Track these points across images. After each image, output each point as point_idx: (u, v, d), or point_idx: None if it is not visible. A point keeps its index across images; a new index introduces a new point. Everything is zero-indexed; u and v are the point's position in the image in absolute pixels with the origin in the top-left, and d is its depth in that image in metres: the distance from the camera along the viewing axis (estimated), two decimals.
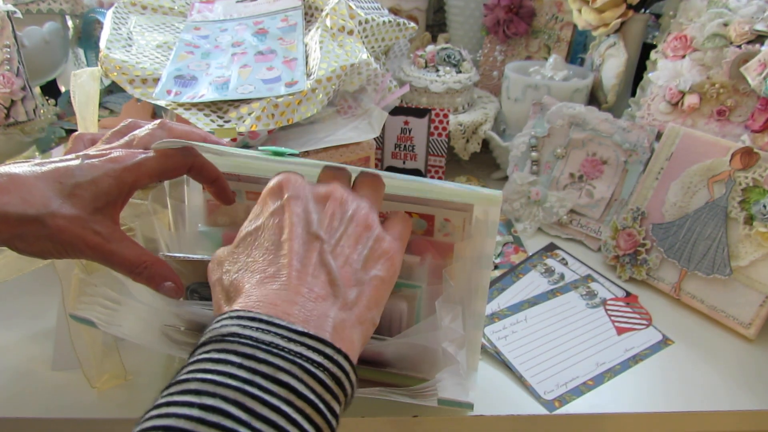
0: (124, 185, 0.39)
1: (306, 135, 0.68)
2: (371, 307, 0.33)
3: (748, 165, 0.61)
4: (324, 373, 0.27)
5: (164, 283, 0.40)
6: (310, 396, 0.26)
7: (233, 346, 0.27)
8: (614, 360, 0.56)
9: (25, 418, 0.48)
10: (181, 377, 0.26)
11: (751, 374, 0.55)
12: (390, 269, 0.35)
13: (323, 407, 0.27)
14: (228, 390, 0.25)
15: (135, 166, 0.39)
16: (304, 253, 0.32)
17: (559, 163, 0.77)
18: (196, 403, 0.24)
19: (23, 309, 0.60)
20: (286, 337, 0.28)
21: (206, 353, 0.27)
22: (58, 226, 0.36)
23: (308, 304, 0.30)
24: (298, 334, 0.28)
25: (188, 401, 0.25)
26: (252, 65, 0.69)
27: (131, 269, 0.39)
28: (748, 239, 0.60)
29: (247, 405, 0.24)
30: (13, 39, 0.73)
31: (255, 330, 0.28)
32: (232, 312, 0.29)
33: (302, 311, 0.30)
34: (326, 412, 0.27)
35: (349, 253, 0.34)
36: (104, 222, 0.38)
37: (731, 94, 0.69)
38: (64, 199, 0.37)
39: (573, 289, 0.65)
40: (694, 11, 0.74)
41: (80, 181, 0.38)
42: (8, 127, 0.74)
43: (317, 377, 0.27)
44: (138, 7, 0.80)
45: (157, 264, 0.40)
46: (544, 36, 0.99)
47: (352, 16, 0.73)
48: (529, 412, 0.50)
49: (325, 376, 0.27)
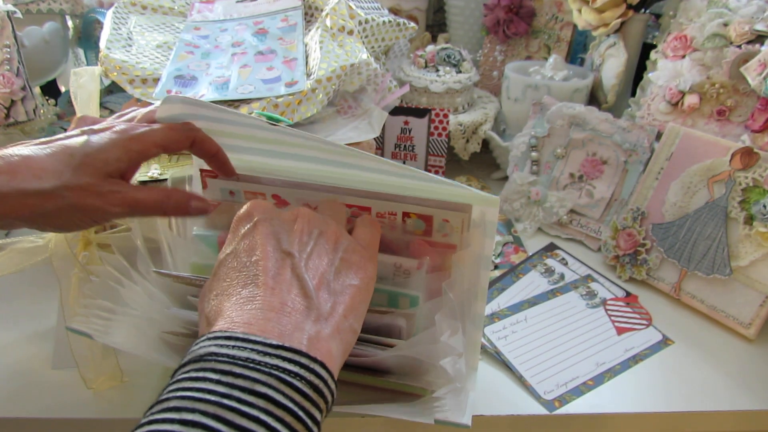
0: (132, 153, 0.40)
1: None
2: (347, 316, 0.34)
3: (748, 165, 0.61)
4: (301, 382, 0.28)
5: (190, 203, 0.42)
6: (289, 404, 0.27)
7: (211, 364, 0.28)
8: (614, 360, 0.56)
9: (24, 418, 0.48)
10: (162, 397, 0.27)
11: (751, 374, 0.55)
12: (364, 277, 0.36)
13: (303, 414, 0.27)
14: (207, 405, 0.25)
15: (141, 135, 0.41)
16: (276, 270, 0.33)
17: (559, 163, 0.77)
18: (176, 419, 0.25)
19: (23, 309, 0.60)
20: (261, 352, 0.28)
21: (185, 373, 0.28)
22: (76, 195, 0.37)
23: (283, 319, 0.31)
24: (273, 347, 0.29)
25: (168, 418, 0.25)
26: (252, 65, 0.69)
27: (160, 206, 0.41)
28: (748, 239, 0.60)
29: (227, 417, 0.25)
30: (13, 39, 0.73)
31: (231, 348, 0.28)
32: (209, 334, 0.30)
33: (277, 326, 0.30)
34: (306, 419, 0.27)
35: (321, 266, 0.35)
36: (118, 182, 0.40)
37: (731, 94, 0.69)
38: (75, 169, 0.38)
39: (573, 289, 0.65)
40: (694, 11, 0.74)
41: (89, 151, 0.39)
42: (8, 127, 0.74)
43: (294, 386, 0.28)
44: (138, 7, 0.80)
45: (176, 191, 0.42)
46: (544, 36, 0.99)
47: (352, 16, 0.73)
48: (529, 412, 0.50)
49: (303, 385, 0.28)
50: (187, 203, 0.42)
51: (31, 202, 0.37)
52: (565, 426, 0.51)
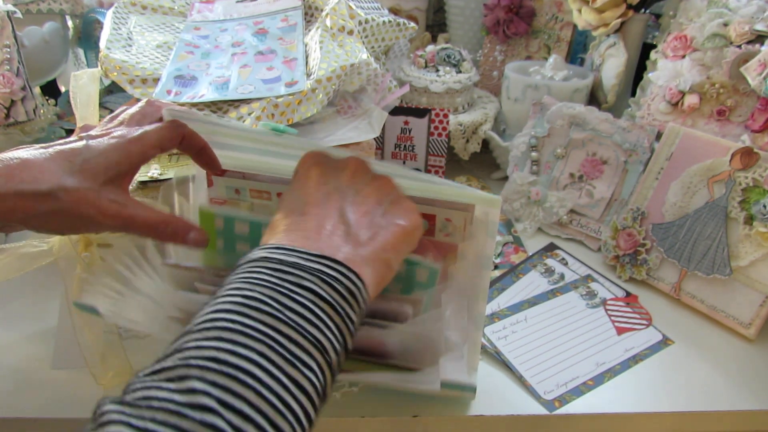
0: (131, 155, 0.41)
1: (306, 135, 0.68)
2: (387, 250, 0.36)
3: (748, 165, 0.61)
4: (340, 285, 0.32)
5: (189, 234, 0.42)
6: (331, 300, 0.31)
7: (263, 263, 0.33)
8: (614, 360, 0.56)
9: (25, 418, 0.48)
10: (224, 285, 0.32)
11: (751, 374, 0.55)
12: (412, 221, 0.38)
13: (341, 310, 0.32)
14: (263, 288, 0.31)
15: (138, 137, 0.41)
16: (322, 201, 0.37)
17: (559, 163, 0.77)
18: (238, 294, 0.30)
19: (23, 309, 0.60)
20: (306, 258, 0.33)
21: (242, 268, 0.33)
22: (71, 200, 0.38)
23: (322, 239, 0.35)
24: (315, 256, 0.33)
25: (232, 293, 0.31)
26: (252, 65, 0.69)
27: (155, 229, 0.40)
28: (748, 239, 0.60)
29: (280, 300, 0.30)
30: (13, 39, 0.73)
31: (280, 254, 0.33)
32: (261, 246, 0.35)
33: (317, 244, 0.34)
34: (344, 316, 0.32)
35: (367, 203, 0.38)
36: (117, 191, 0.40)
37: (731, 94, 0.69)
38: (74, 173, 0.38)
39: (573, 289, 0.65)
40: (694, 11, 0.74)
41: (88, 156, 0.39)
42: (8, 127, 0.74)
43: (334, 287, 0.32)
44: (138, 7, 0.80)
45: (176, 219, 0.42)
46: (544, 36, 0.99)
47: (352, 16, 0.73)
48: (529, 412, 0.50)
49: (341, 288, 0.32)
50: (186, 234, 0.41)
51: (27, 204, 0.37)
52: (565, 426, 0.51)
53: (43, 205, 0.37)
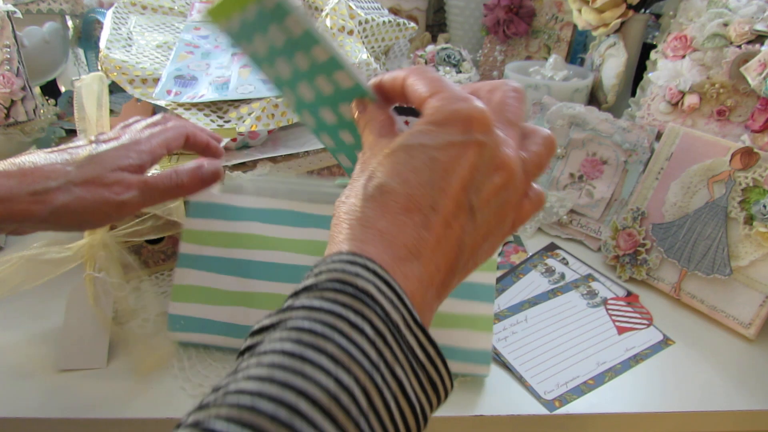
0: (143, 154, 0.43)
1: (306, 135, 0.68)
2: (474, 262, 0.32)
3: (748, 165, 0.61)
4: (425, 377, 0.27)
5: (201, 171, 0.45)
6: (413, 399, 0.26)
7: (368, 312, 0.26)
8: (615, 360, 0.56)
9: (25, 418, 0.48)
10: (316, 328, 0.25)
11: (751, 374, 0.55)
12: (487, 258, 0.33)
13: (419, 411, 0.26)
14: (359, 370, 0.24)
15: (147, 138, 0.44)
16: (451, 219, 0.29)
17: (559, 163, 0.77)
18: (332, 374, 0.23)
19: (25, 309, 0.59)
20: (406, 322, 0.27)
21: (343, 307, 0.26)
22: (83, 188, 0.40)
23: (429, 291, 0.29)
24: (415, 323, 0.27)
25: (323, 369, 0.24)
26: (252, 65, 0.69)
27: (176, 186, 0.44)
28: (748, 239, 0.60)
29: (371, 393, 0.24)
30: (13, 39, 0.73)
31: (386, 298, 0.26)
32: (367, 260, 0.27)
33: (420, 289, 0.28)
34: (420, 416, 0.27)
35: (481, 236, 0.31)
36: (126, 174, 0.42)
37: (731, 94, 0.69)
38: (83, 167, 0.41)
39: (574, 288, 0.65)
40: (694, 11, 0.74)
41: (96, 154, 0.42)
42: (8, 127, 0.74)
43: (420, 381, 0.27)
44: (138, 7, 0.80)
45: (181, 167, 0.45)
46: (544, 36, 0.99)
47: (352, 16, 0.73)
48: (529, 412, 0.50)
49: (425, 380, 0.27)
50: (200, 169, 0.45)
51: (40, 201, 0.39)
52: (566, 426, 0.51)
53: (57, 199, 0.39)
